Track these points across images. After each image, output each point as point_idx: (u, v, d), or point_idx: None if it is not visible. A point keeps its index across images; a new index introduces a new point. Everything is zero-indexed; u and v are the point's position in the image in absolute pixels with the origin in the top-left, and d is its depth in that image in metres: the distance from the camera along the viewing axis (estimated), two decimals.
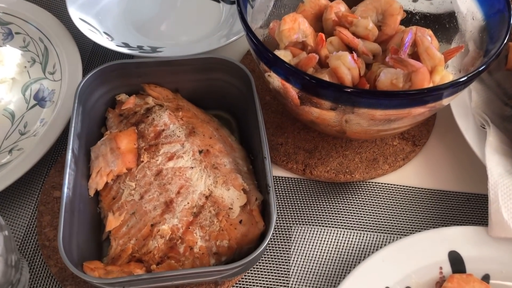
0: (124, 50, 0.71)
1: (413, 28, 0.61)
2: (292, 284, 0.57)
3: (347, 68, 0.57)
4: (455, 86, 0.49)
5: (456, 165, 0.66)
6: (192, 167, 0.57)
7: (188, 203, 0.54)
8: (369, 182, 0.65)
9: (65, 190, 0.52)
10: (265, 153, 0.54)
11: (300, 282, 0.58)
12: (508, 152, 0.62)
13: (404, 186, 0.65)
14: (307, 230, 0.61)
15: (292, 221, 0.62)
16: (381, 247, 0.59)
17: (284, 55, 0.61)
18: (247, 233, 0.53)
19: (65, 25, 0.75)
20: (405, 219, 0.62)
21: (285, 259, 0.59)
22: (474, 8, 0.62)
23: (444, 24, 0.67)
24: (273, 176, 0.65)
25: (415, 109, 0.52)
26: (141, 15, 0.81)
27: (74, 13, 0.74)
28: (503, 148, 0.62)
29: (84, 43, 0.77)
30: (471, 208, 0.63)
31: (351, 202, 0.63)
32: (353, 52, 0.59)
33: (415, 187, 0.65)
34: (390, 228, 0.61)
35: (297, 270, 0.58)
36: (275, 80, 0.55)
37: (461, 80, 0.49)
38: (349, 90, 0.47)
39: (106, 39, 0.73)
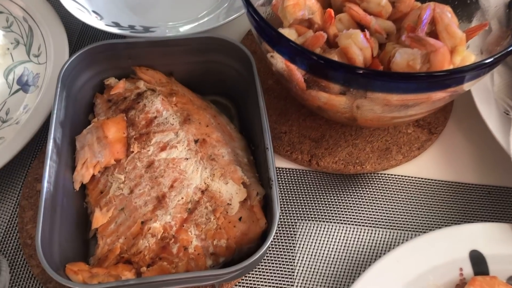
0: (114, 30, 0.65)
1: (431, 4, 0.55)
2: (297, 285, 0.52)
3: (358, 48, 0.51)
4: (480, 68, 0.44)
5: (476, 155, 0.61)
6: (187, 158, 0.51)
7: (182, 198, 0.49)
8: (381, 173, 0.59)
9: (45, 184, 0.47)
10: (267, 143, 0.49)
11: (305, 283, 0.52)
12: None
13: (419, 178, 0.59)
14: (313, 227, 0.56)
15: (297, 216, 0.56)
16: (395, 246, 0.54)
17: (288, 33, 0.55)
18: (248, 231, 0.48)
19: (51, 3, 0.69)
20: (421, 215, 0.57)
21: (290, 259, 0.54)
22: None
23: (464, 0, 0.61)
24: (276, 168, 0.60)
25: (434, 93, 0.46)
26: None
27: None
28: None
29: (72, 23, 0.72)
30: (493, 202, 0.57)
31: (362, 196, 0.58)
32: (365, 30, 0.54)
33: (431, 179, 0.59)
34: (404, 224, 0.56)
35: (302, 270, 0.53)
36: (279, 61, 0.49)
37: (487, 61, 0.44)
38: (362, 72, 0.42)
39: (95, 18, 0.67)
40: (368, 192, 0.58)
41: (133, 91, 0.58)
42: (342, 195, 0.58)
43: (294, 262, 0.54)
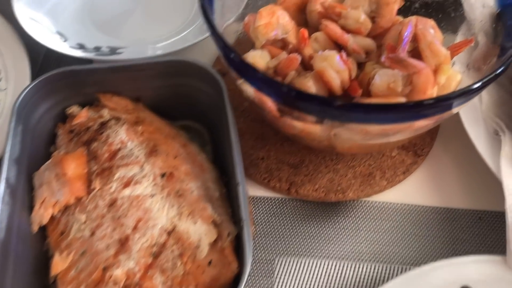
0: (78, 53, 0.61)
1: (413, 19, 0.51)
2: None
3: (335, 70, 0.48)
4: (467, 95, 0.40)
5: (465, 178, 0.57)
6: (153, 195, 0.47)
7: (146, 240, 0.45)
8: (365, 201, 0.56)
9: None
10: (238, 178, 0.45)
11: None
12: None
13: (405, 204, 0.55)
14: (293, 263, 0.52)
15: (275, 252, 0.53)
16: (381, 282, 0.50)
17: (260, 56, 0.51)
18: (218, 276, 0.44)
19: (12, 24, 0.65)
20: (408, 245, 0.53)
21: None
22: None
23: (449, 13, 0.57)
24: (253, 197, 0.56)
25: (417, 122, 0.42)
26: (103, 9, 0.71)
27: (21, 10, 0.64)
28: None
29: (36, 46, 0.67)
30: (484, 229, 0.54)
31: (344, 226, 0.54)
32: (342, 50, 0.50)
33: (418, 205, 0.55)
34: (390, 257, 0.52)
35: None
36: (249, 89, 0.45)
37: (474, 87, 0.40)
38: (334, 105, 0.38)
39: (58, 39, 0.63)
40: (351, 222, 0.54)
41: (97, 120, 0.54)
42: (323, 226, 0.54)
43: None
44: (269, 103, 0.45)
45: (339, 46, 0.52)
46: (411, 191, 0.56)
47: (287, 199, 0.56)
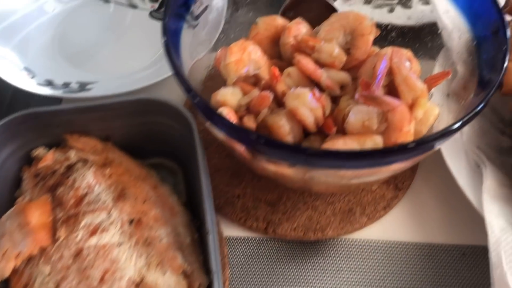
0: (46, 91, 0.59)
1: (388, 52, 0.50)
2: None
3: (308, 108, 0.46)
4: (446, 136, 0.38)
5: (447, 212, 0.55)
6: (120, 244, 0.45)
7: None
8: (345, 239, 0.54)
9: None
10: (209, 226, 0.43)
11: None
12: (509, 196, 0.51)
13: (386, 241, 0.54)
14: None
15: None
16: None
17: (232, 93, 0.49)
18: None
19: None
20: (390, 284, 0.51)
21: None
22: (460, 24, 0.51)
23: (426, 43, 0.56)
24: (229, 238, 0.54)
25: (393, 165, 0.41)
26: (73, 42, 0.69)
27: None
28: (503, 192, 0.51)
29: (3, 83, 0.65)
30: (468, 264, 0.52)
31: (324, 267, 0.52)
32: (315, 88, 0.48)
33: (399, 242, 0.54)
34: None
35: None
36: (218, 133, 0.44)
37: (454, 127, 0.39)
38: (305, 153, 0.36)
39: (26, 76, 0.61)
40: (331, 262, 0.52)
41: (63, 162, 0.51)
42: (302, 267, 0.52)
43: None
44: (239, 147, 0.43)
45: (313, 81, 0.50)
46: (392, 227, 0.54)
47: (265, 238, 0.54)
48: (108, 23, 0.71)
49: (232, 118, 0.45)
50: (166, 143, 0.55)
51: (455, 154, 0.54)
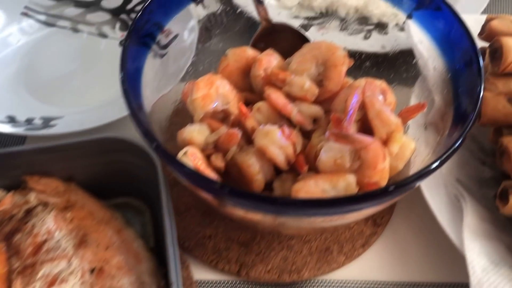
0: (7, 129, 0.56)
1: (361, 85, 0.48)
2: None
3: (277, 147, 0.44)
4: (424, 176, 0.36)
5: (427, 248, 0.53)
6: None
7: None
8: (322, 280, 0.51)
9: None
10: (173, 277, 0.40)
11: None
12: (491, 232, 0.49)
13: (365, 281, 0.51)
14: None
15: None
16: None
17: (198, 130, 0.47)
18: None
19: None
20: None
21: None
22: (434, 55, 0.49)
23: (401, 73, 0.54)
24: (200, 281, 0.51)
25: (368, 209, 0.38)
26: (38, 75, 0.66)
27: None
28: (484, 228, 0.49)
29: None
30: None
31: None
32: (287, 121, 0.46)
33: (379, 281, 0.51)
34: None
35: None
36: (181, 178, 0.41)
37: (432, 167, 0.37)
38: (270, 203, 0.34)
39: None
40: None
41: (22, 206, 0.48)
42: None
43: None
44: (205, 194, 0.41)
45: (284, 115, 0.48)
46: (371, 266, 0.52)
47: (237, 282, 0.51)
48: (76, 54, 0.69)
49: (197, 159, 0.43)
50: (132, 181, 0.53)
51: (434, 188, 0.51)
